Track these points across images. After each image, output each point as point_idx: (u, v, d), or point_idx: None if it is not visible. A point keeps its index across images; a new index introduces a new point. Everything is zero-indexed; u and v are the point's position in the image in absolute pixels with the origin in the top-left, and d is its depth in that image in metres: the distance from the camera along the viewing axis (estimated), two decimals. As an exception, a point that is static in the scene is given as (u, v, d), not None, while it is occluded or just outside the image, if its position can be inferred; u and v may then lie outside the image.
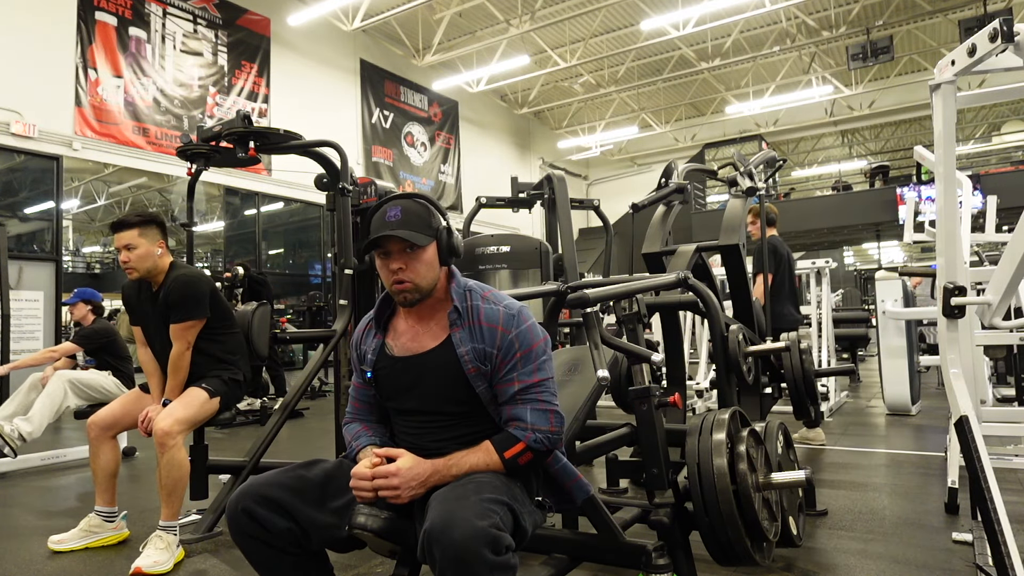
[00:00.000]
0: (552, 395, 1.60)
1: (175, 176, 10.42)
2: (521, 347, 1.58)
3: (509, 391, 1.58)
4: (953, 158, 2.05)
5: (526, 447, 1.54)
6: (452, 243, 1.63)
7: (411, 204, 1.61)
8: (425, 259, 1.58)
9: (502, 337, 1.58)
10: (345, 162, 3.41)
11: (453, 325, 1.61)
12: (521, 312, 1.63)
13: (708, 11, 12.41)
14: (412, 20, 13.83)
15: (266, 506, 1.49)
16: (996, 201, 4.74)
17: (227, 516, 1.53)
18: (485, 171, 16.81)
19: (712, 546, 1.90)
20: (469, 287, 1.67)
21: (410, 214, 1.58)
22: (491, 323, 1.60)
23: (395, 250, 1.58)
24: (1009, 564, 1.66)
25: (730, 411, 2.02)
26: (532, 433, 1.54)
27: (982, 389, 4.85)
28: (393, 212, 1.58)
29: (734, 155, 4.23)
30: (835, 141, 21.64)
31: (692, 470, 1.90)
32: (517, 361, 1.58)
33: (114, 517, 2.96)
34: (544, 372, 1.60)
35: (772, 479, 1.96)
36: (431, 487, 1.49)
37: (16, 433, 4.13)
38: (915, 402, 6.30)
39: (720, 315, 2.92)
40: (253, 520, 1.49)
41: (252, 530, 1.49)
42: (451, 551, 1.27)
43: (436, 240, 1.61)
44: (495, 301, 1.64)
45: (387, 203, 1.61)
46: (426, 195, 1.67)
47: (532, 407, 1.56)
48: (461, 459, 1.53)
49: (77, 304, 4.85)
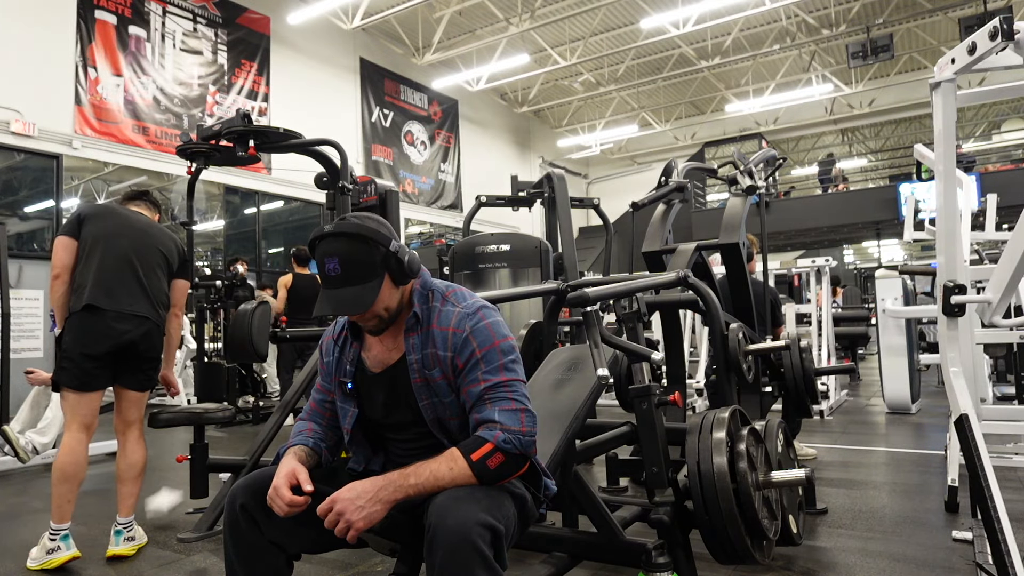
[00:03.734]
0: (524, 396, 1.47)
1: (175, 175, 10.41)
2: (479, 345, 1.47)
3: (474, 392, 1.45)
4: (953, 156, 2.05)
5: (495, 448, 1.38)
6: (405, 265, 1.48)
7: (349, 249, 1.44)
8: (381, 296, 1.46)
9: (454, 337, 1.48)
10: (345, 161, 3.41)
11: (409, 331, 1.52)
12: (481, 310, 1.52)
13: (708, 9, 12.39)
14: (412, 19, 13.82)
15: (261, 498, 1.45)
16: (996, 199, 4.74)
17: (225, 509, 1.51)
18: (485, 170, 16.80)
19: (712, 545, 1.90)
20: (432, 287, 1.57)
21: (350, 264, 1.44)
22: (443, 326, 1.50)
23: None
24: (1009, 562, 1.66)
25: (730, 410, 2.02)
26: (501, 432, 1.39)
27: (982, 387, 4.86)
28: (331, 266, 1.45)
29: (734, 154, 4.23)
30: (835, 139, 21.63)
31: (692, 469, 1.90)
32: (478, 360, 1.46)
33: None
34: (513, 372, 1.48)
35: (772, 478, 1.96)
36: (391, 503, 1.36)
37: (31, 446, 4.30)
38: (915, 400, 6.30)
39: (720, 314, 2.92)
40: (247, 514, 1.46)
41: (244, 526, 1.47)
42: (448, 538, 1.25)
43: (387, 272, 1.47)
44: (455, 302, 1.54)
45: (323, 251, 1.45)
46: (360, 217, 1.49)
47: (500, 406, 1.43)
48: (420, 467, 1.38)
49: None
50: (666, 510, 1.98)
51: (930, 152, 3.19)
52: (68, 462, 2.67)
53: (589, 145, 19.61)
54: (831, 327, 7.02)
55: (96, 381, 2.77)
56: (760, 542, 1.91)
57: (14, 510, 3.60)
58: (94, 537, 3.01)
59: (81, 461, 2.72)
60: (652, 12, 13.37)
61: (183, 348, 7.89)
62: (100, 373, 2.77)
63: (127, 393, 2.89)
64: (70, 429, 2.73)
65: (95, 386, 2.78)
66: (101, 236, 2.84)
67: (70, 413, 2.75)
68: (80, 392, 2.74)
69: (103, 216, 2.93)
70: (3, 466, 4.46)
